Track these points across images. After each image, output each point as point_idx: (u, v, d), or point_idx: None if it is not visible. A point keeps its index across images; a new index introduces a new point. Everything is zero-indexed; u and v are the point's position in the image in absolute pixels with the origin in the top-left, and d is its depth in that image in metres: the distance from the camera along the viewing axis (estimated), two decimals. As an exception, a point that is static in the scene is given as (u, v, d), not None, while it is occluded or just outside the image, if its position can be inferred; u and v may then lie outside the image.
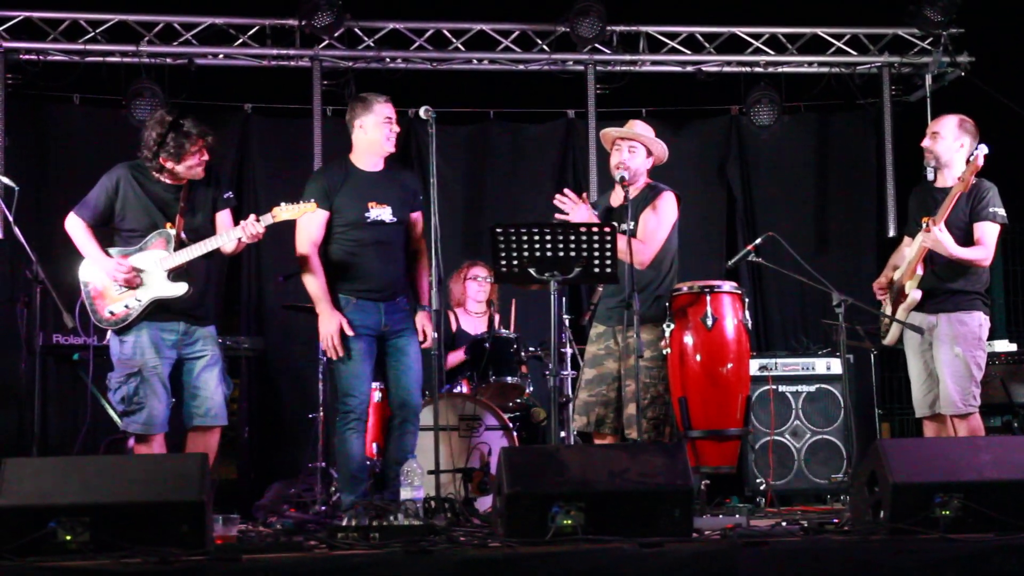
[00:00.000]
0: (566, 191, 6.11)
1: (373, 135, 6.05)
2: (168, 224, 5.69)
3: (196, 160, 5.71)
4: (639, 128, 6.35)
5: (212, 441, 5.74)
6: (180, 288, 5.66)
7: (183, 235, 5.70)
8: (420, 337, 6.07)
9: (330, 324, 5.89)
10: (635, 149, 6.25)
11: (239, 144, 9.09)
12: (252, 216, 5.68)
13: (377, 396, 7.28)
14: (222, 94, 8.98)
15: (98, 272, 5.71)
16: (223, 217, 5.85)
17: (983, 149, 5.95)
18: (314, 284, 5.97)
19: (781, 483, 7.77)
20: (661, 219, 6.14)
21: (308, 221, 5.94)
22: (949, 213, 6.01)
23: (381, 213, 5.97)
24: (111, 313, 5.67)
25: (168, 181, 5.75)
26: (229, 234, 5.69)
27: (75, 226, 5.76)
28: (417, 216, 6.18)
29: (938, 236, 5.96)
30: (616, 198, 6.18)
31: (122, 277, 5.63)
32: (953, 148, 6.19)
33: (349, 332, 5.89)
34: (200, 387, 5.72)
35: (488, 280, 7.84)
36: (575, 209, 5.96)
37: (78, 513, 4.25)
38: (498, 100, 9.41)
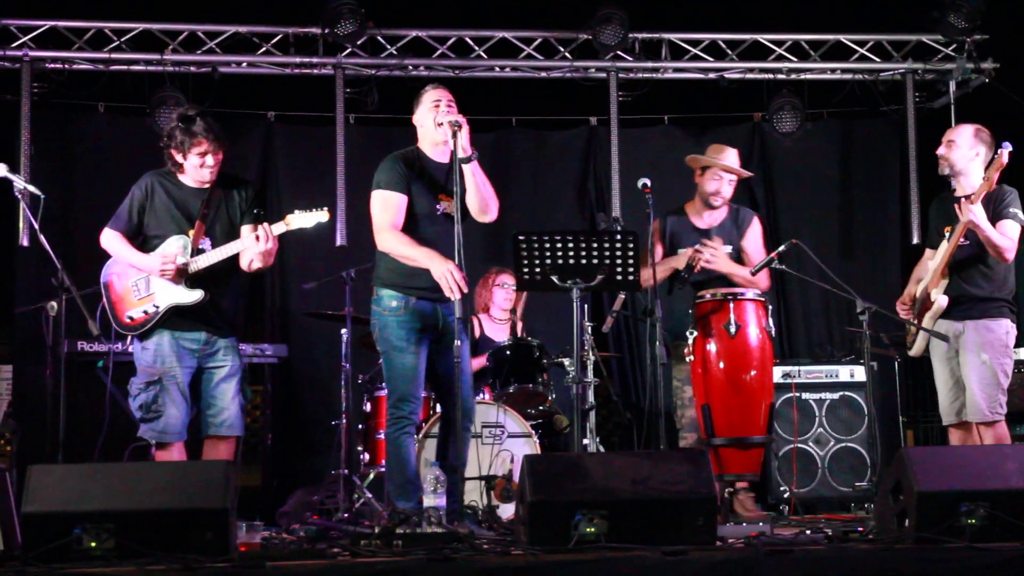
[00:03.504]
0: (706, 242, 6.64)
1: (426, 124, 5.74)
2: (189, 231, 5.72)
3: (199, 161, 5.70)
4: (732, 159, 6.93)
5: (227, 451, 5.72)
6: (196, 295, 5.68)
7: (201, 242, 5.72)
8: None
9: (442, 263, 5.41)
10: (734, 182, 6.90)
11: (262, 152, 9.12)
12: (264, 227, 5.63)
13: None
14: (245, 102, 9.01)
15: (118, 278, 5.75)
16: (248, 230, 5.79)
17: (1007, 146, 5.93)
18: (406, 246, 5.55)
19: (805, 491, 7.73)
20: (761, 249, 6.87)
21: (385, 204, 5.61)
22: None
23: (450, 207, 5.61)
24: (130, 319, 5.71)
25: (193, 184, 5.77)
26: (236, 244, 5.69)
27: (111, 238, 5.78)
28: None
29: (976, 211, 5.91)
30: (701, 219, 6.83)
31: (171, 270, 5.64)
32: (968, 156, 6.19)
33: (458, 273, 5.38)
34: (217, 397, 5.73)
35: (514, 288, 7.85)
36: (716, 255, 6.58)
37: (103, 520, 4.27)
38: (520, 108, 9.41)
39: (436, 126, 5.67)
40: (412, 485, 5.61)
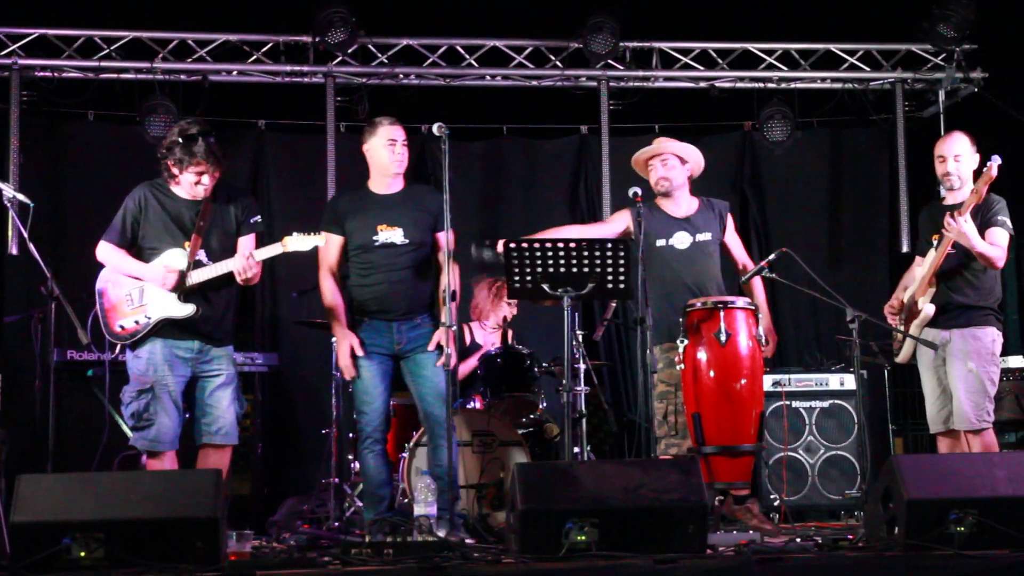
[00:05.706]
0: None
1: (379, 157, 6.08)
2: (185, 243, 5.70)
3: (195, 179, 5.68)
4: (666, 142, 6.52)
5: (222, 459, 5.70)
6: (188, 309, 5.66)
7: (197, 255, 5.70)
8: (432, 348, 5.95)
9: (343, 345, 5.97)
10: (667, 161, 6.44)
11: (253, 160, 9.10)
12: (251, 254, 5.65)
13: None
14: (236, 110, 9.00)
15: (112, 286, 5.74)
16: (246, 242, 5.80)
17: (996, 160, 5.95)
18: (329, 308, 6.05)
19: (795, 499, 7.74)
20: (740, 244, 6.64)
21: (324, 247, 5.98)
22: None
23: (391, 235, 5.96)
24: (122, 328, 5.69)
25: (187, 196, 5.75)
26: (233, 261, 5.65)
27: (107, 250, 5.76)
28: (440, 236, 5.99)
29: (963, 227, 5.94)
30: (677, 208, 6.42)
31: (173, 280, 5.63)
32: (972, 166, 6.22)
33: (359, 352, 5.93)
34: (212, 405, 5.72)
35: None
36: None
37: (92, 529, 4.27)
38: (511, 116, 9.42)
39: (390, 162, 6.03)
40: (374, 496, 5.97)
